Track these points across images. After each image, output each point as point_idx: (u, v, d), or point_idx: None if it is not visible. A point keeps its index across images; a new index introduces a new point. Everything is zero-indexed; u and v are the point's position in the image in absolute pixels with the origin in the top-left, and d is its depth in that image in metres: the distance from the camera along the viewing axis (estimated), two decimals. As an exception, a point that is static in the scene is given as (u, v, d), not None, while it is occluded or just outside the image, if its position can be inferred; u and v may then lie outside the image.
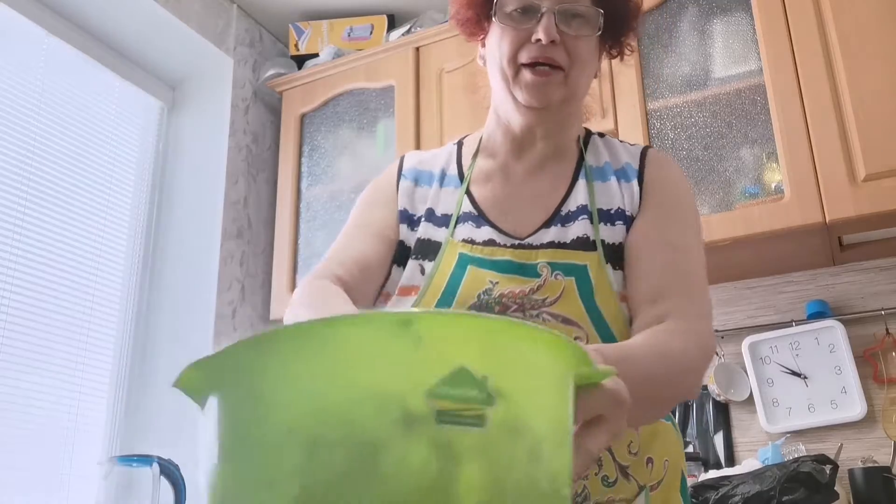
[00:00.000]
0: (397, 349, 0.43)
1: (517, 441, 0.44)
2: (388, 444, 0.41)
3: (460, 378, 0.42)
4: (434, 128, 2.46)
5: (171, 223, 2.70)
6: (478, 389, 0.43)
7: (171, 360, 2.53)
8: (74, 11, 2.48)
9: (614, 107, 2.17)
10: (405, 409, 0.42)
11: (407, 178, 1.11)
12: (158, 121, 2.80)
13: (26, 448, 2.16)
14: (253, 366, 0.45)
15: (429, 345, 0.43)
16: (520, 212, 1.03)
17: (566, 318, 0.92)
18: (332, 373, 0.43)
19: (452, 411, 0.42)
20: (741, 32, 2.11)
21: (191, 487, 2.19)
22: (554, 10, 0.99)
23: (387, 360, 0.43)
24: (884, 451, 1.96)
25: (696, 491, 1.76)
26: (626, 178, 1.05)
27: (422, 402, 0.42)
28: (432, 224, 1.04)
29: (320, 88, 2.72)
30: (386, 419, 0.42)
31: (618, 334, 0.92)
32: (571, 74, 1.01)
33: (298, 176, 2.68)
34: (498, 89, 1.06)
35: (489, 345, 0.45)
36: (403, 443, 0.42)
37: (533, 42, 0.99)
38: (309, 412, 0.43)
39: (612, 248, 0.99)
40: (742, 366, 2.16)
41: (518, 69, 1.01)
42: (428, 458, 0.42)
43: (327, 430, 0.42)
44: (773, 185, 1.98)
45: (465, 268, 0.97)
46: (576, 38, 1.00)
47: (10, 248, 2.19)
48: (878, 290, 2.10)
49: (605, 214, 1.01)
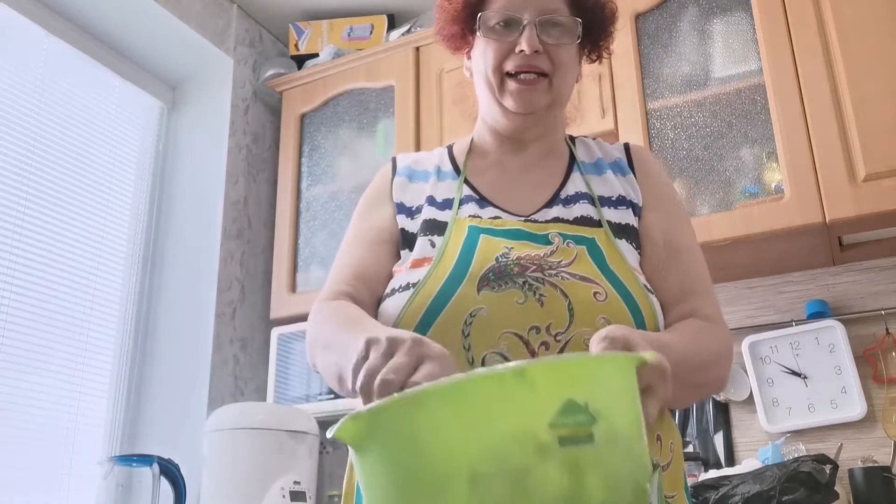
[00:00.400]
0: (519, 394, 0.55)
1: (616, 447, 0.57)
2: (531, 469, 0.54)
3: (570, 408, 0.55)
4: (434, 128, 2.46)
5: (171, 223, 2.70)
6: (584, 414, 0.55)
7: (171, 360, 2.53)
8: (74, 11, 2.48)
9: (614, 107, 2.17)
10: (537, 440, 0.54)
11: (401, 174, 1.14)
12: (158, 121, 2.80)
13: (26, 448, 2.16)
14: (406, 419, 0.56)
15: (541, 387, 0.55)
16: (520, 194, 1.07)
17: (584, 276, 0.95)
18: (475, 419, 0.55)
19: (570, 436, 0.54)
20: (741, 32, 2.11)
21: (191, 487, 2.19)
22: (535, 21, 1.05)
23: (514, 404, 0.55)
24: (884, 451, 1.96)
25: (696, 491, 1.76)
26: (622, 172, 1.11)
27: (547, 433, 0.54)
28: (435, 208, 1.07)
29: (320, 88, 2.72)
30: (526, 450, 0.54)
31: (635, 294, 0.96)
32: (555, 80, 1.07)
33: (298, 176, 2.68)
34: (485, 98, 1.11)
35: (583, 376, 0.58)
36: (542, 467, 0.54)
37: (517, 53, 1.05)
38: (465, 453, 0.54)
39: (619, 227, 1.04)
40: (742, 366, 2.16)
41: (503, 78, 1.07)
42: (561, 474, 0.54)
43: (483, 466, 0.54)
44: (773, 185, 1.98)
45: (477, 237, 0.99)
46: (557, 46, 1.06)
47: (10, 248, 2.19)
48: (878, 290, 2.10)
49: (606, 200, 1.07)
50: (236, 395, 2.53)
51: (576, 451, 0.55)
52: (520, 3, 1.06)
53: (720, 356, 0.98)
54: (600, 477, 0.56)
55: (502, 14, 1.06)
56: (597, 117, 2.17)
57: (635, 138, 2.11)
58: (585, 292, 0.93)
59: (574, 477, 0.54)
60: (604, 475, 0.56)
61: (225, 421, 2.18)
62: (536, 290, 0.92)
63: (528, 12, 1.05)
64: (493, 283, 0.93)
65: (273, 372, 2.48)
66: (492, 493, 0.53)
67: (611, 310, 0.91)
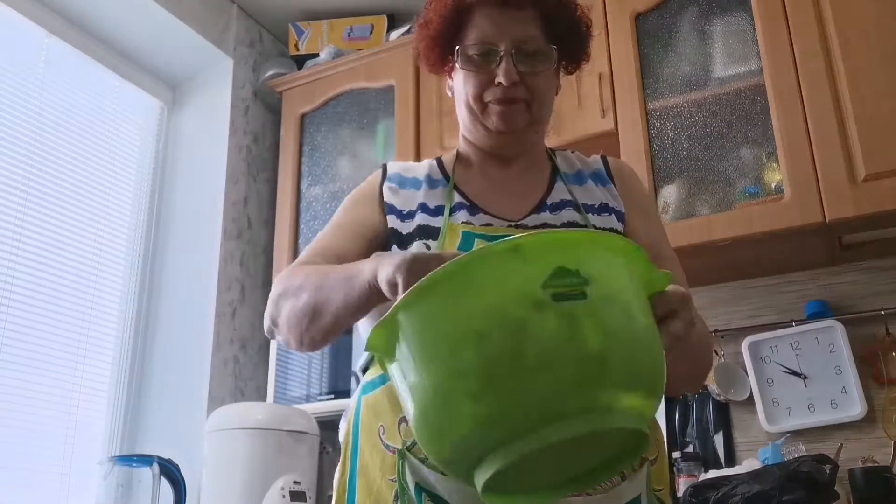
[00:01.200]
0: (514, 265, 0.65)
1: (613, 305, 0.67)
2: (529, 320, 0.64)
3: (561, 273, 0.65)
4: (434, 128, 2.46)
5: (171, 223, 2.70)
6: (575, 277, 0.65)
7: (171, 360, 2.53)
8: (74, 11, 2.48)
9: (614, 107, 2.17)
10: (533, 298, 0.64)
11: (392, 181, 1.17)
12: (158, 121, 2.81)
13: (26, 448, 2.16)
14: (425, 300, 0.68)
15: (532, 258, 0.65)
16: (508, 202, 1.12)
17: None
18: (481, 288, 0.66)
19: (564, 293, 0.64)
20: (741, 32, 2.11)
21: (191, 487, 2.19)
22: (511, 52, 1.08)
23: (510, 273, 0.65)
24: (884, 451, 1.96)
25: (695, 491, 1.76)
26: (603, 182, 1.17)
27: (541, 292, 0.64)
28: (428, 214, 1.09)
29: (320, 88, 2.72)
30: (523, 306, 0.64)
31: None
32: (533, 106, 1.11)
33: (298, 176, 2.68)
34: (467, 119, 1.16)
35: (574, 250, 0.67)
36: (539, 317, 0.64)
37: (496, 84, 1.09)
38: (473, 317, 0.65)
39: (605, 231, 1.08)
40: (742, 366, 2.16)
41: (485, 106, 1.11)
42: (559, 322, 0.64)
43: (486, 326, 0.65)
44: (773, 185, 1.98)
45: (472, 241, 1.03)
46: (534, 74, 1.10)
47: (10, 248, 2.19)
48: (878, 290, 2.10)
49: (590, 207, 1.12)
50: (236, 395, 2.53)
51: (570, 305, 0.64)
52: (495, 32, 1.09)
53: (708, 357, 1.09)
54: (597, 325, 0.64)
55: (479, 46, 1.10)
56: (597, 117, 2.17)
57: (635, 138, 2.11)
58: None
59: (570, 324, 0.64)
60: (601, 324, 0.65)
61: (225, 421, 2.18)
62: None
63: (503, 42, 1.09)
64: None
65: (273, 372, 2.48)
66: (495, 344, 0.64)
67: None
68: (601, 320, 0.65)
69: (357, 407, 1.04)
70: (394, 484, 0.93)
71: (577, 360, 0.64)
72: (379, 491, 0.95)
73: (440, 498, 0.90)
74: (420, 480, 0.92)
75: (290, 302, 1.00)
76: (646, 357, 0.68)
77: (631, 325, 0.67)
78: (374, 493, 0.95)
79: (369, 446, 0.98)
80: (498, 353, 0.64)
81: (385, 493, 0.94)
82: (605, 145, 2.19)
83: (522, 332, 0.63)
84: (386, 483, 0.94)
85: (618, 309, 0.67)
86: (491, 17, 1.10)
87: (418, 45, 1.19)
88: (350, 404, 1.07)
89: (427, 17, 1.16)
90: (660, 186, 2.08)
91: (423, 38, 1.17)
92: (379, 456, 0.96)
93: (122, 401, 2.48)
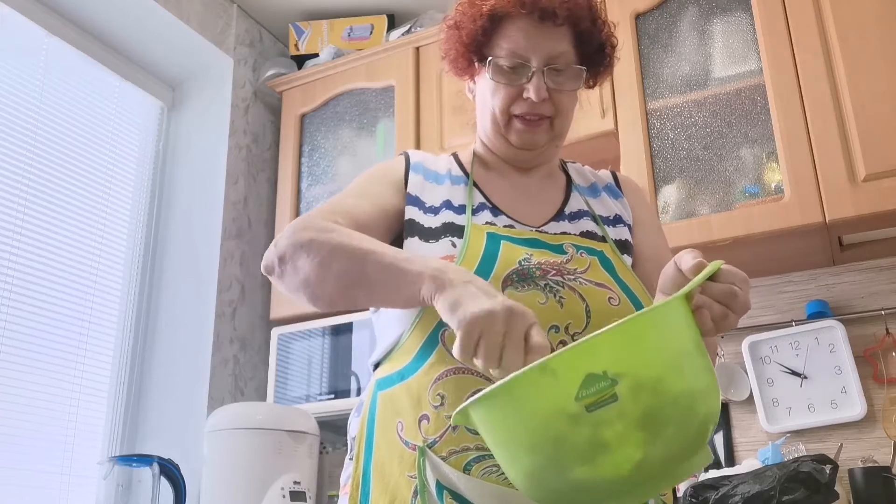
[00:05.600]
0: (545, 382, 0.70)
1: (643, 393, 0.70)
2: (567, 435, 0.70)
3: (590, 381, 0.68)
4: (434, 128, 2.46)
5: (171, 223, 2.70)
6: (603, 381, 0.68)
7: (171, 360, 2.53)
8: (74, 11, 2.48)
9: (614, 107, 2.17)
10: (567, 413, 0.69)
11: (417, 171, 1.15)
12: (158, 121, 2.80)
13: (26, 448, 2.16)
14: (478, 413, 0.75)
15: (561, 373, 0.69)
16: (528, 208, 1.13)
17: (599, 282, 1.02)
18: (522, 407, 0.72)
19: (595, 402, 0.68)
20: (741, 32, 2.11)
21: (191, 487, 2.19)
22: (542, 69, 1.09)
23: (544, 391, 0.70)
24: (884, 451, 1.96)
25: (695, 491, 1.76)
26: (615, 195, 1.21)
27: (574, 406, 0.69)
28: (452, 212, 1.09)
29: (320, 88, 2.72)
30: (559, 423, 0.70)
31: (643, 302, 1.04)
32: (556, 123, 1.13)
33: (298, 176, 2.68)
34: (489, 129, 1.16)
35: (595, 352, 0.70)
36: (575, 431, 0.69)
37: (524, 98, 1.10)
38: (521, 432, 0.72)
39: (619, 243, 1.13)
40: (742, 366, 2.16)
41: (510, 119, 1.12)
42: (594, 433, 0.69)
43: (534, 438, 0.72)
44: (773, 185, 1.98)
45: (498, 242, 1.04)
46: (560, 91, 1.11)
47: (10, 248, 2.19)
48: (878, 290, 2.10)
49: (605, 219, 1.15)
50: (236, 395, 2.53)
51: (601, 412, 0.69)
52: (528, 46, 1.09)
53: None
54: (628, 425, 0.69)
55: (511, 59, 1.10)
56: (597, 117, 2.17)
57: (635, 138, 2.11)
58: (601, 297, 1.00)
59: (605, 431, 0.69)
60: (631, 422, 0.69)
61: (225, 421, 2.18)
62: (557, 292, 0.98)
63: (535, 57, 1.09)
64: (516, 283, 0.98)
65: (273, 372, 2.48)
66: (544, 454, 0.71)
67: (623, 314, 0.95)
68: (631, 418, 0.69)
69: (372, 402, 1.03)
70: (412, 480, 0.92)
71: (615, 463, 0.70)
72: (396, 486, 0.94)
73: (461, 496, 0.90)
74: (441, 478, 0.92)
75: (319, 257, 0.96)
76: (688, 417, 0.72)
77: (663, 400, 0.71)
78: (391, 489, 0.95)
79: (385, 441, 0.98)
80: (545, 465, 0.72)
81: (403, 489, 0.93)
82: (604, 145, 2.19)
83: (563, 444, 0.70)
84: (404, 479, 0.94)
85: (645, 395, 0.70)
86: (525, 30, 1.09)
87: (446, 48, 1.18)
88: (363, 399, 1.07)
89: (458, 20, 1.15)
90: (660, 186, 2.08)
91: (454, 44, 1.16)
92: (397, 452, 0.96)
93: (121, 401, 2.48)
